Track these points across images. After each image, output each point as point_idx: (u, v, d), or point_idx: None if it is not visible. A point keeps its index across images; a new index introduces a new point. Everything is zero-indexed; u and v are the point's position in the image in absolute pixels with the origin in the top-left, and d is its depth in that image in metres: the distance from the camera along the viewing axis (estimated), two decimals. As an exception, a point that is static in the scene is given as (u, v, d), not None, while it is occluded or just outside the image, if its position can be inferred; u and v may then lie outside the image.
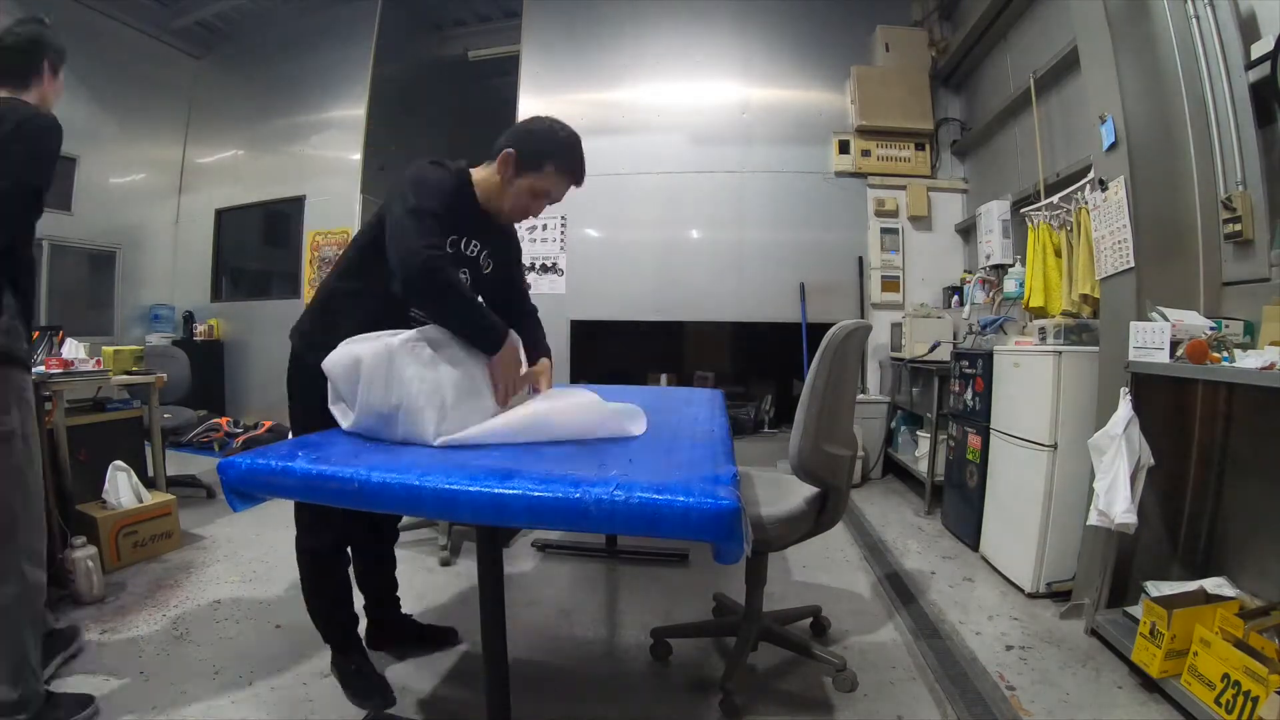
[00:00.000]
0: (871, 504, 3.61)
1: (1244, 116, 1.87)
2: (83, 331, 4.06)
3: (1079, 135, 3.00)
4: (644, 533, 0.90)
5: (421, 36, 6.28)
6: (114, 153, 5.55)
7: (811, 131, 4.76)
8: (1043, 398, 2.26)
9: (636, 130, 4.87)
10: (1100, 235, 2.21)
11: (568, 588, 2.40)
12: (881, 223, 4.66)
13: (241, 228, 6.04)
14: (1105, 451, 1.83)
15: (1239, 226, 1.86)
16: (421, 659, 1.83)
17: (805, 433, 1.47)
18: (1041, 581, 2.27)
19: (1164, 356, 1.72)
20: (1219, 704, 1.43)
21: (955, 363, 3.08)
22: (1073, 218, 2.69)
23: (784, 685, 1.75)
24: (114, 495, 2.53)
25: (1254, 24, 1.88)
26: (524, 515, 0.93)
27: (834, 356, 1.49)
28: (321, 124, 5.63)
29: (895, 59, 4.66)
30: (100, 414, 2.78)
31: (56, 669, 1.69)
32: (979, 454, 2.72)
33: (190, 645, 1.89)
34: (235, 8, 5.81)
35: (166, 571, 2.45)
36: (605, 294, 4.80)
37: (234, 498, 1.11)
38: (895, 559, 2.72)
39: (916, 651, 1.91)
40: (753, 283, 4.72)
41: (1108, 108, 2.09)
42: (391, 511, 1.04)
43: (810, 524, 1.60)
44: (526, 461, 1.10)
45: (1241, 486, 1.86)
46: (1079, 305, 2.59)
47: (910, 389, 3.92)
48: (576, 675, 1.81)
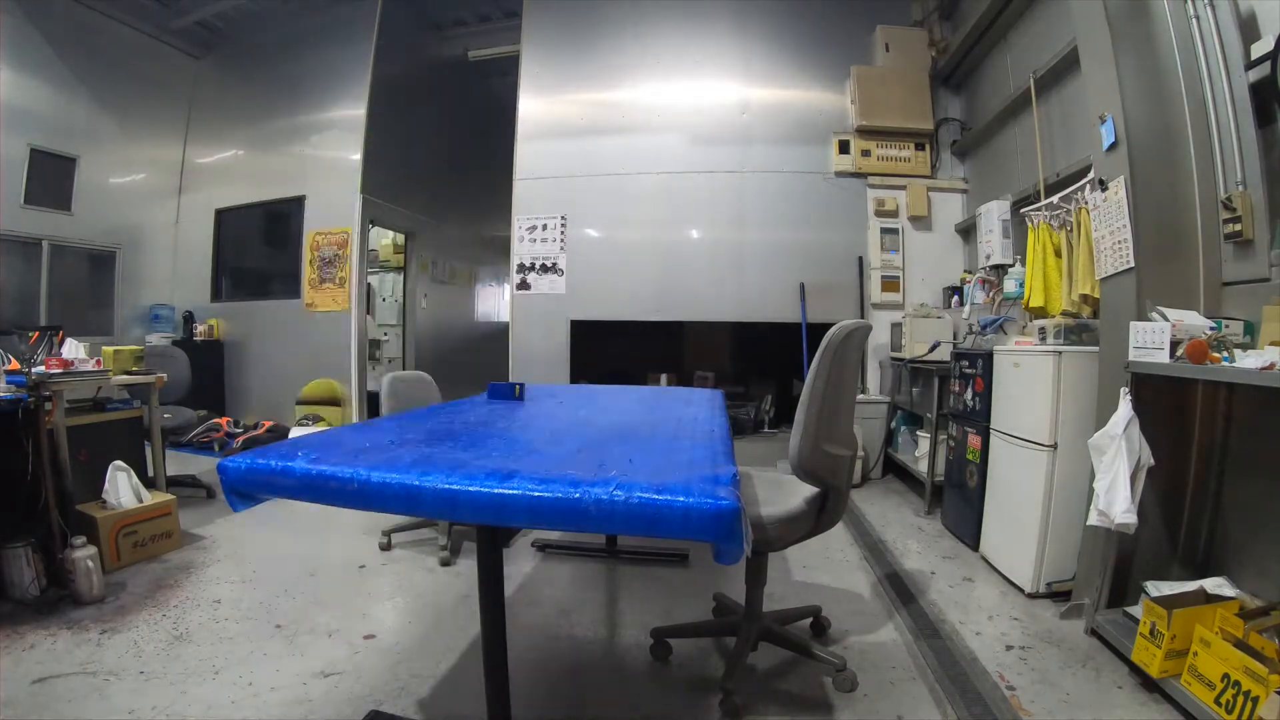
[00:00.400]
0: (871, 504, 3.61)
1: (1244, 116, 1.87)
2: (83, 331, 4.07)
3: (1079, 135, 3.00)
4: (644, 533, 0.90)
5: (421, 36, 6.29)
6: (114, 153, 5.55)
7: (811, 131, 4.76)
8: (1043, 398, 2.26)
9: (636, 130, 4.87)
10: (1100, 235, 2.21)
11: (568, 588, 2.40)
12: (881, 223, 4.66)
13: (241, 228, 6.04)
14: (1105, 451, 1.83)
15: (1239, 226, 1.86)
16: (428, 646, 1.84)
17: (805, 433, 1.47)
18: (1041, 581, 2.27)
19: (1164, 356, 1.72)
20: (1219, 704, 1.43)
21: (955, 363, 3.08)
22: (1073, 218, 2.69)
23: (784, 685, 1.75)
24: (114, 495, 2.53)
25: (1254, 24, 1.88)
26: (524, 515, 0.93)
27: (834, 357, 1.49)
28: (321, 124, 5.64)
29: (895, 59, 4.66)
30: (100, 414, 2.78)
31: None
32: (979, 454, 2.72)
33: (190, 645, 1.89)
34: (235, 8, 5.81)
35: (166, 571, 2.45)
36: (605, 294, 4.80)
37: (234, 498, 1.11)
38: (895, 559, 2.72)
39: (916, 651, 1.91)
40: (753, 283, 4.72)
41: (1108, 108, 2.09)
42: (391, 512, 1.04)
43: (810, 524, 1.60)
44: (526, 462, 1.10)
45: (1241, 486, 1.86)
46: (1079, 305, 2.59)
47: (910, 389, 3.92)
48: (576, 675, 1.81)
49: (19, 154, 4.83)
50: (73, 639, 1.90)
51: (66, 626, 1.97)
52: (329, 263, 5.42)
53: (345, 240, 5.37)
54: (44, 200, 5.04)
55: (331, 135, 5.58)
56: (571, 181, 4.83)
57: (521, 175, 4.88)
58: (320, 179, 5.54)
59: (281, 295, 5.75)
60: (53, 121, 5.06)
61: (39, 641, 1.88)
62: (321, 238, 5.45)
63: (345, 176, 5.42)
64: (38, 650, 1.83)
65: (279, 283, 5.87)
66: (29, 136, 4.88)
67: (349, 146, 5.45)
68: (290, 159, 5.71)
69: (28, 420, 2.13)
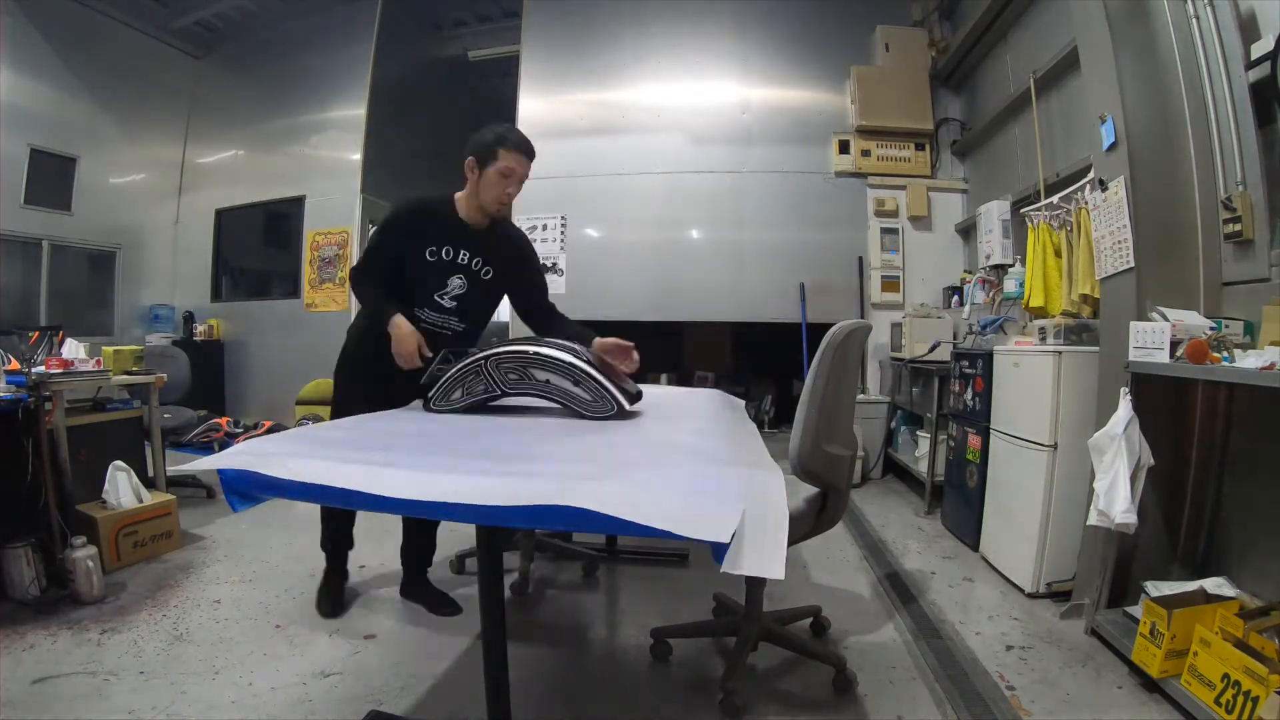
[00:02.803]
0: (871, 504, 3.60)
1: (1244, 116, 1.87)
2: (83, 331, 4.06)
3: (1079, 135, 3.00)
4: (644, 533, 0.90)
5: (421, 37, 6.29)
6: (114, 153, 5.55)
7: (811, 131, 4.76)
8: (1043, 398, 2.26)
9: (636, 130, 4.86)
10: (1100, 235, 2.21)
11: (568, 588, 2.40)
12: (881, 223, 4.66)
13: (242, 228, 6.05)
14: (1105, 451, 1.83)
15: (1239, 226, 1.86)
16: (428, 646, 1.84)
17: (805, 433, 1.47)
18: (1041, 581, 2.27)
19: (1164, 356, 1.72)
20: (1219, 704, 1.43)
21: (955, 363, 3.08)
22: (1073, 218, 2.69)
23: (784, 685, 1.75)
24: (114, 495, 2.53)
25: (1254, 24, 1.88)
26: (524, 515, 0.93)
27: (834, 356, 1.49)
28: (321, 124, 5.64)
29: (895, 59, 4.67)
30: (100, 414, 2.78)
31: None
32: (979, 454, 2.72)
33: (190, 645, 1.89)
34: (235, 8, 5.82)
35: (166, 571, 2.45)
36: (605, 294, 4.79)
37: (234, 498, 1.10)
38: (895, 559, 2.72)
39: (916, 651, 1.91)
40: (752, 283, 4.72)
41: (1108, 108, 2.09)
42: (391, 512, 1.04)
43: (810, 524, 1.59)
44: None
45: (1241, 486, 1.86)
46: (1079, 305, 2.59)
47: (910, 389, 3.92)
48: (576, 675, 1.81)
49: (19, 154, 4.84)
50: (73, 639, 1.90)
51: (66, 626, 1.97)
52: (329, 263, 5.42)
53: (345, 240, 5.38)
54: (44, 200, 5.05)
55: (331, 135, 5.59)
56: (571, 181, 4.83)
57: (521, 175, 4.88)
58: (320, 179, 5.54)
59: (281, 295, 5.76)
60: (53, 121, 5.07)
61: (39, 641, 1.88)
62: (321, 238, 5.46)
63: (345, 176, 5.43)
64: (38, 650, 1.83)
65: (279, 283, 5.88)
66: (29, 136, 4.89)
67: (349, 146, 5.46)
68: (290, 159, 5.71)
69: (28, 420, 2.13)
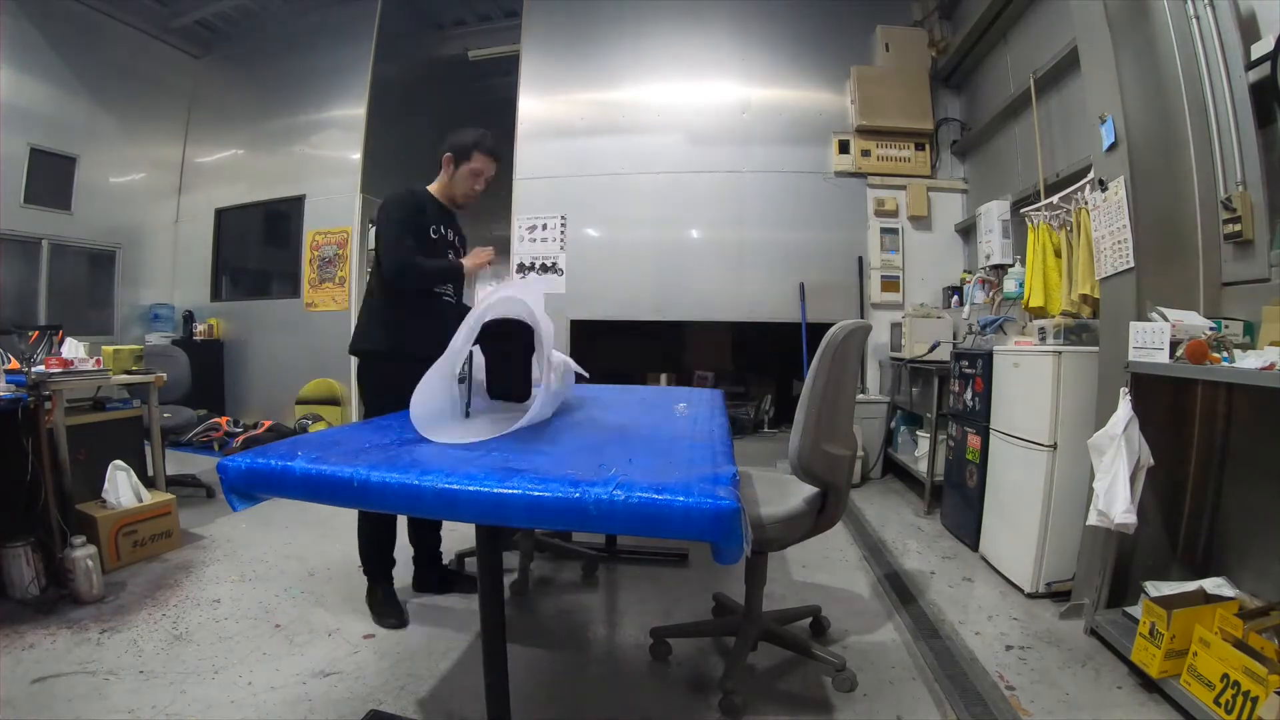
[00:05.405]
0: (871, 504, 3.60)
1: (1244, 116, 1.87)
2: (82, 331, 4.06)
3: (1079, 135, 3.00)
4: (644, 533, 0.90)
5: (421, 36, 6.28)
6: (114, 152, 5.55)
7: (811, 131, 4.75)
8: (1042, 398, 2.26)
9: (636, 130, 4.86)
10: (1100, 235, 2.21)
11: (568, 588, 2.40)
12: (881, 223, 4.65)
13: (241, 227, 6.04)
14: (1105, 451, 1.83)
15: (1239, 227, 1.86)
16: (428, 646, 1.84)
17: (805, 432, 1.47)
18: (1041, 581, 2.27)
19: (1164, 356, 1.72)
20: (1218, 704, 1.43)
21: (955, 363, 3.08)
22: (1073, 218, 2.69)
23: (784, 685, 1.75)
24: (114, 495, 2.53)
25: (1254, 24, 1.88)
26: (524, 515, 0.93)
27: (834, 356, 1.49)
28: (321, 124, 5.63)
29: (895, 59, 4.66)
30: (100, 413, 2.78)
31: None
32: (979, 454, 2.72)
33: (190, 645, 1.89)
34: (235, 8, 5.81)
35: (166, 571, 2.45)
36: (605, 294, 4.80)
37: (234, 497, 1.10)
38: (895, 559, 2.72)
39: (916, 651, 1.91)
40: (752, 283, 4.72)
41: (1108, 108, 2.09)
42: (391, 512, 1.04)
43: (810, 524, 1.60)
44: (526, 461, 1.10)
45: (1241, 486, 1.86)
46: (1079, 305, 2.59)
47: (910, 389, 3.92)
48: (576, 675, 1.81)
49: (19, 153, 4.83)
50: (72, 638, 1.90)
51: (66, 626, 1.97)
52: (329, 262, 5.42)
53: (345, 240, 5.38)
54: (44, 200, 5.04)
55: (331, 135, 5.58)
56: (571, 181, 4.83)
57: (521, 175, 4.88)
58: (320, 179, 5.53)
59: (281, 295, 5.76)
60: (53, 121, 5.06)
61: (39, 641, 1.88)
62: (321, 237, 5.46)
63: (345, 176, 5.42)
64: (37, 650, 1.83)
65: (279, 282, 5.87)
66: (29, 136, 4.88)
67: (349, 146, 5.45)
68: (290, 159, 5.71)
69: (27, 420, 2.13)
